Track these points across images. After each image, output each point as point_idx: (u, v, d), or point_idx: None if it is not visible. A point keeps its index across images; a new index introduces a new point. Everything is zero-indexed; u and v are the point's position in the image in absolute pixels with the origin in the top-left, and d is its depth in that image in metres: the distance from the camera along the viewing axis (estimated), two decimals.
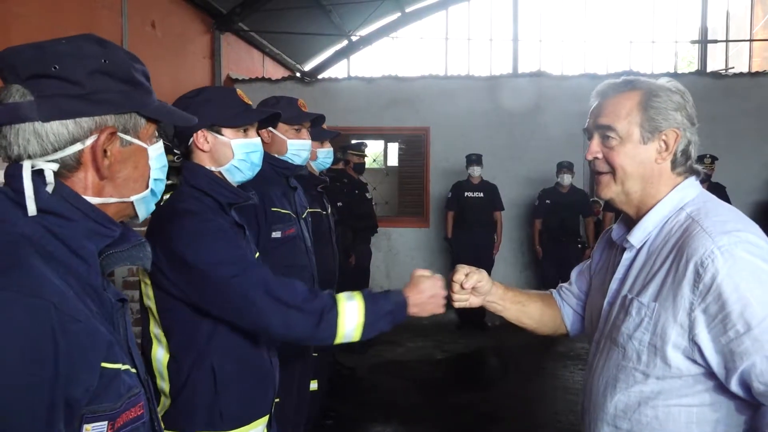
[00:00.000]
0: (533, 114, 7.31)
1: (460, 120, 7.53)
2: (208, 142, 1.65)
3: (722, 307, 1.09)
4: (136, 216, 1.01)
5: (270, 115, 1.81)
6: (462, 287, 1.50)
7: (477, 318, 6.59)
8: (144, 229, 1.57)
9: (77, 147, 0.89)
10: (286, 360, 2.07)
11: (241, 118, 1.67)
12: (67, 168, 0.90)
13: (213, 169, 1.66)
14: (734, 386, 1.10)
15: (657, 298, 1.19)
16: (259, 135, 1.77)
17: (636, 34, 9.10)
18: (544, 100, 7.33)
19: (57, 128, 0.88)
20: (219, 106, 1.65)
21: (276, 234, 2.25)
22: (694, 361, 1.15)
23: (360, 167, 5.96)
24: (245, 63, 8.54)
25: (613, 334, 1.28)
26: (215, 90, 1.79)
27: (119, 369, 0.85)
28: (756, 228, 1.18)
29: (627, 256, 1.31)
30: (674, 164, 1.26)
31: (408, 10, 9.59)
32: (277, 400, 1.98)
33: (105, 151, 0.90)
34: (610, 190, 1.30)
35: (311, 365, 2.59)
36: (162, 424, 1.09)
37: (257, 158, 1.72)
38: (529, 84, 7.58)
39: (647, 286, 1.22)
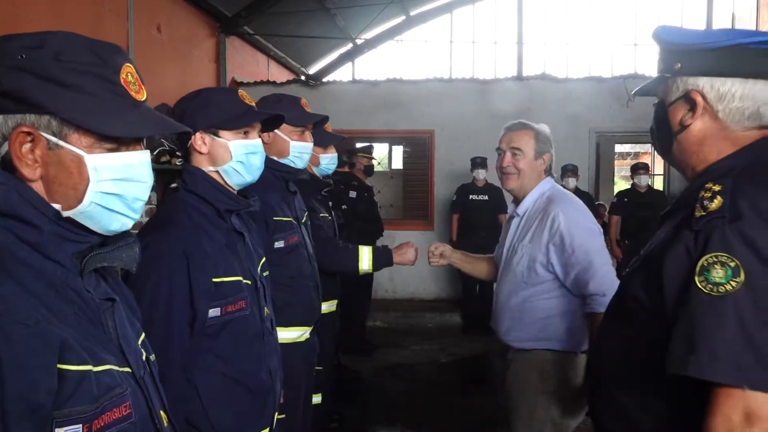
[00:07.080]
0: (538, 117, 7.23)
1: (465, 123, 7.52)
2: (205, 144, 1.61)
3: (561, 240, 2.09)
4: (95, 233, 0.92)
5: (272, 116, 1.75)
6: (433, 254, 2.54)
7: (482, 321, 6.57)
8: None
9: (6, 146, 0.85)
10: (292, 376, 2.05)
11: (239, 120, 1.63)
12: (9, 168, 0.86)
13: (212, 169, 1.62)
14: (568, 284, 2.12)
15: (531, 241, 2.17)
16: (260, 137, 1.72)
17: (641, 36, 9.10)
18: (548, 103, 7.31)
19: None
20: (217, 107, 1.62)
21: (279, 244, 2.17)
22: (549, 271, 2.13)
23: (369, 170, 5.96)
24: (250, 66, 8.55)
25: (509, 265, 2.26)
26: (215, 91, 1.72)
27: (87, 371, 0.81)
28: (579, 202, 2.25)
29: (515, 222, 2.30)
30: (547, 172, 2.29)
31: (413, 13, 9.58)
32: (282, 416, 1.95)
33: (34, 152, 0.86)
34: (514, 183, 2.26)
35: (314, 379, 2.52)
36: (173, 424, 1.06)
37: (257, 160, 1.66)
38: (533, 87, 7.57)
39: (525, 235, 2.21)
